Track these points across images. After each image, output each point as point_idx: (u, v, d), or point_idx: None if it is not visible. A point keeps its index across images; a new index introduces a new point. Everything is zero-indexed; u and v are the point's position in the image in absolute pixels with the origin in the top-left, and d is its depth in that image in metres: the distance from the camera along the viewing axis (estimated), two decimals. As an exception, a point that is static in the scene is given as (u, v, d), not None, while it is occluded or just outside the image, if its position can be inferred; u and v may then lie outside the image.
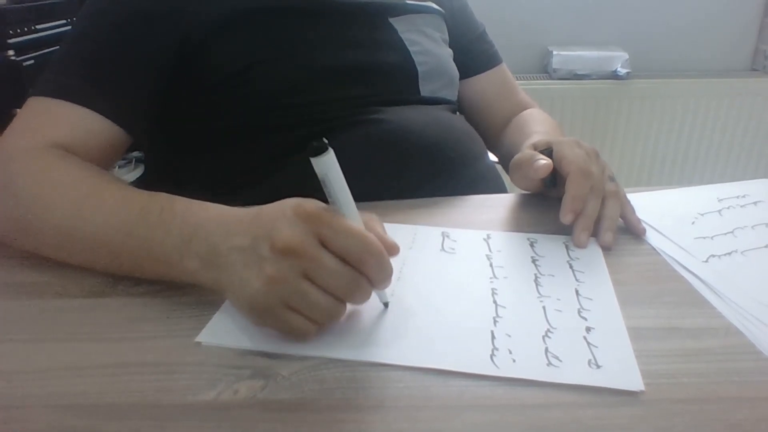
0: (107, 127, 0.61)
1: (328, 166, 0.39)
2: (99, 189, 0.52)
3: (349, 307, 0.43)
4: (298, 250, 0.39)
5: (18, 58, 1.22)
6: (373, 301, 0.46)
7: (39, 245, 0.53)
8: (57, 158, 0.55)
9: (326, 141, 0.38)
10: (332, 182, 0.40)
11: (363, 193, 0.65)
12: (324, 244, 0.39)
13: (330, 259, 0.39)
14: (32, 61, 1.24)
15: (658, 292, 0.48)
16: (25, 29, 1.27)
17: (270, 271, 0.39)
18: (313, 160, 0.38)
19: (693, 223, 0.60)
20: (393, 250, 0.42)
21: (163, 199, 0.49)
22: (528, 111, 0.88)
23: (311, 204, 0.40)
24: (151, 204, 0.49)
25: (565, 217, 0.56)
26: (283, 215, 0.40)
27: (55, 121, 0.59)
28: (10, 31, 1.22)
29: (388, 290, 0.45)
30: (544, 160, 0.59)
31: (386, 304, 0.46)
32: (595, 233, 0.56)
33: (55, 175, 0.54)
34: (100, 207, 0.50)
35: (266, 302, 0.40)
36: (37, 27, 1.31)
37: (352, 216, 0.41)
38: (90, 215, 0.50)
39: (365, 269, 0.40)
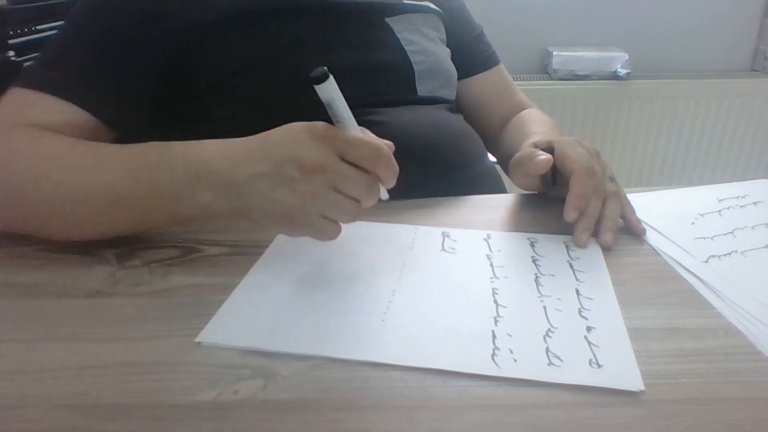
0: (91, 124, 0.61)
1: (331, 90, 0.45)
2: (91, 150, 0.54)
3: (348, 311, 0.44)
4: (326, 167, 0.45)
5: (18, 59, 1.21)
6: (373, 302, 0.46)
7: (33, 214, 0.54)
8: (41, 132, 0.56)
9: (326, 68, 0.44)
10: (337, 103, 0.46)
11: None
12: (341, 157, 0.46)
13: (351, 170, 0.46)
14: (32, 62, 1.24)
15: (658, 293, 0.48)
16: (26, 30, 1.27)
17: (304, 188, 0.45)
18: (317, 87, 0.44)
19: (693, 223, 0.60)
20: (392, 148, 0.49)
21: (157, 144, 0.52)
22: (526, 111, 0.87)
23: (321, 125, 0.47)
24: (149, 149, 0.52)
25: (569, 215, 0.56)
26: (299, 138, 0.46)
27: (37, 109, 0.59)
28: (11, 32, 1.22)
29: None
30: (544, 156, 0.59)
31: (387, 200, 0.53)
32: (595, 233, 0.56)
33: (44, 145, 0.55)
34: (100, 160, 0.53)
35: (304, 215, 0.47)
36: (38, 28, 1.30)
37: (356, 130, 0.48)
38: (90, 173, 0.52)
39: (378, 170, 0.47)
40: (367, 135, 0.50)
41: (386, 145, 0.48)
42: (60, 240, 0.55)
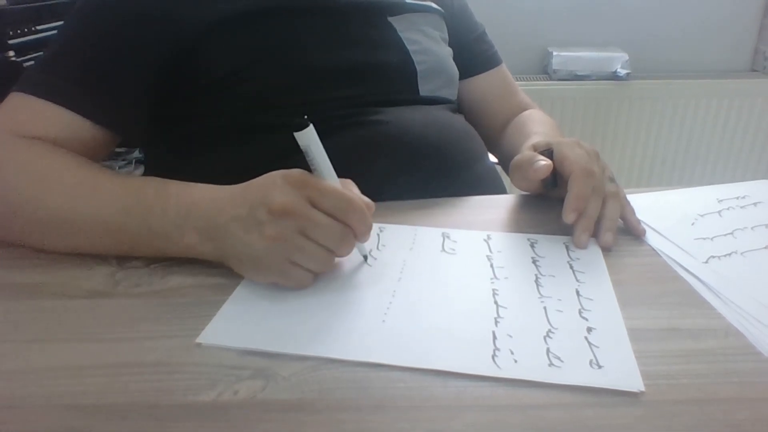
0: (91, 129, 0.61)
1: (309, 138, 0.46)
2: (92, 175, 0.55)
3: (348, 311, 0.44)
4: (294, 211, 0.45)
5: (18, 59, 1.21)
6: (374, 303, 0.46)
7: (28, 232, 0.54)
8: (45, 147, 0.56)
9: (306, 117, 0.45)
10: (314, 152, 0.46)
11: (362, 194, 0.65)
12: (313, 205, 0.45)
13: (321, 216, 0.45)
14: (32, 62, 1.24)
15: (658, 293, 0.48)
16: (26, 30, 1.27)
17: (271, 231, 0.45)
18: (296, 135, 0.45)
19: (693, 224, 0.60)
20: (370, 208, 0.49)
21: (155, 181, 0.53)
22: (528, 112, 0.87)
23: (297, 172, 0.46)
24: (146, 185, 0.53)
25: (568, 217, 0.56)
26: (274, 183, 0.46)
27: (36, 118, 0.59)
28: (10, 32, 1.22)
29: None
30: (543, 161, 0.58)
31: (366, 257, 0.52)
32: (595, 234, 0.56)
33: (46, 163, 0.55)
34: (97, 191, 0.53)
35: (271, 259, 0.46)
36: (38, 28, 1.30)
37: (333, 180, 0.48)
38: (87, 201, 0.52)
39: (350, 222, 0.46)
40: (348, 186, 0.49)
41: (364, 203, 0.48)
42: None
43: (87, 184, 0.54)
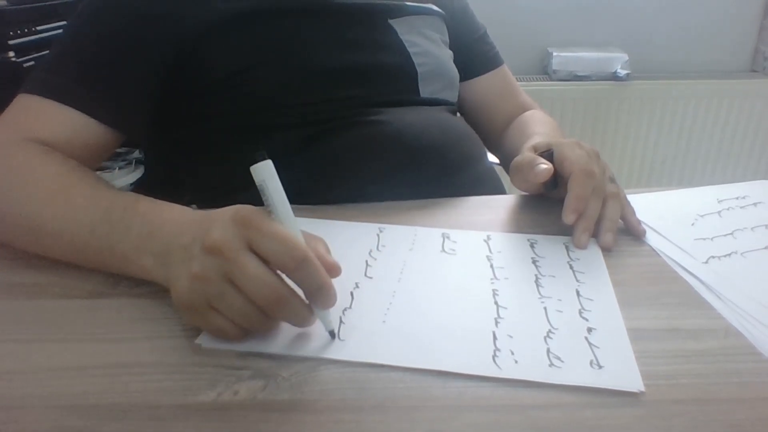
0: (95, 128, 0.61)
1: (265, 173, 0.40)
2: (70, 186, 0.53)
3: (348, 312, 0.44)
4: (222, 251, 0.39)
5: (18, 60, 1.21)
6: (374, 304, 0.46)
7: (11, 236, 0.55)
8: (36, 153, 0.56)
9: (264, 151, 0.40)
10: (270, 190, 0.40)
11: (362, 195, 0.65)
12: (252, 249, 0.39)
13: (253, 265, 0.38)
14: (32, 63, 1.24)
15: (658, 293, 0.48)
16: (26, 30, 1.27)
17: (195, 269, 0.40)
18: (252, 169, 0.40)
19: (693, 224, 0.60)
20: (333, 270, 0.41)
21: (128, 198, 0.51)
22: (529, 112, 0.87)
23: (247, 209, 0.41)
24: (116, 203, 0.50)
25: (568, 217, 0.56)
26: (221, 218, 0.41)
27: (41, 118, 0.59)
28: (11, 33, 1.22)
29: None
30: (545, 165, 0.58)
31: (332, 333, 0.42)
32: (595, 234, 0.56)
33: (31, 170, 0.55)
34: (68, 204, 0.52)
35: (191, 299, 0.41)
36: (38, 28, 1.30)
37: (289, 224, 0.41)
38: (58, 212, 0.51)
39: (293, 276, 0.39)
40: (312, 242, 0.42)
41: (325, 260, 0.41)
42: None
43: (63, 193, 0.52)
